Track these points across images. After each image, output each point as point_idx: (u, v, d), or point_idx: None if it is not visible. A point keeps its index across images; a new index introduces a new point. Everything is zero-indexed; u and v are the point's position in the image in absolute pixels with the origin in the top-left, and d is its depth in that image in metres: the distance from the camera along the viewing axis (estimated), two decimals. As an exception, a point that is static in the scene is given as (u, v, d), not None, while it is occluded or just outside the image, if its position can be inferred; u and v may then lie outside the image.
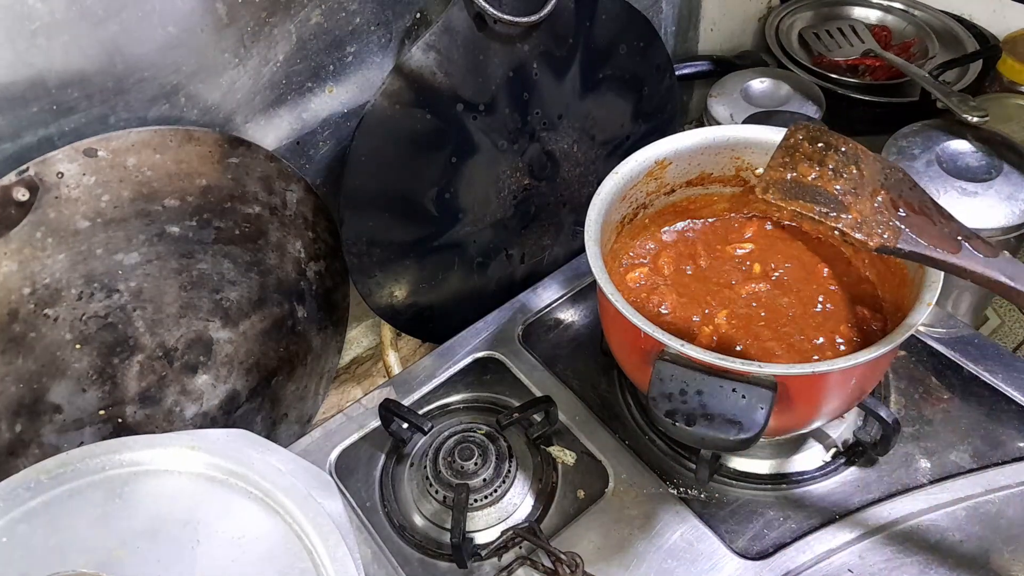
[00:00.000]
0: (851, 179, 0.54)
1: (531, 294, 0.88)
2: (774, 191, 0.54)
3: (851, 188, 0.54)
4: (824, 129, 0.56)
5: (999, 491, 0.67)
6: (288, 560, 0.54)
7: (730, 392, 0.55)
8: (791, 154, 0.55)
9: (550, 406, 0.74)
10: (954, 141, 0.88)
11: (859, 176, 0.54)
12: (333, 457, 0.75)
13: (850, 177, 0.54)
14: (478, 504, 0.68)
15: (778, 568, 0.64)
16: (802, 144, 0.55)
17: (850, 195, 0.54)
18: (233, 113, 0.71)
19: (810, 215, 0.53)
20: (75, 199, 0.62)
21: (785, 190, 0.54)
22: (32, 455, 0.65)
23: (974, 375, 0.75)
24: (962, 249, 0.54)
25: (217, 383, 0.75)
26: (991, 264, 0.54)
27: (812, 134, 0.56)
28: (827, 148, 0.55)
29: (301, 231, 0.78)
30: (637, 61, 0.90)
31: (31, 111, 0.61)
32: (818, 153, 0.55)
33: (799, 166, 0.54)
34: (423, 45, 0.73)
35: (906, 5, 1.14)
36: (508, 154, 0.84)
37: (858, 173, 0.54)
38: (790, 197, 0.54)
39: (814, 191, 0.53)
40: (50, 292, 0.63)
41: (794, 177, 0.54)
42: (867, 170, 0.55)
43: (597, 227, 0.67)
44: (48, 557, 0.53)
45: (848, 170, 0.54)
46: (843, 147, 0.55)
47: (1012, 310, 1.03)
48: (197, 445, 0.59)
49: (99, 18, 0.60)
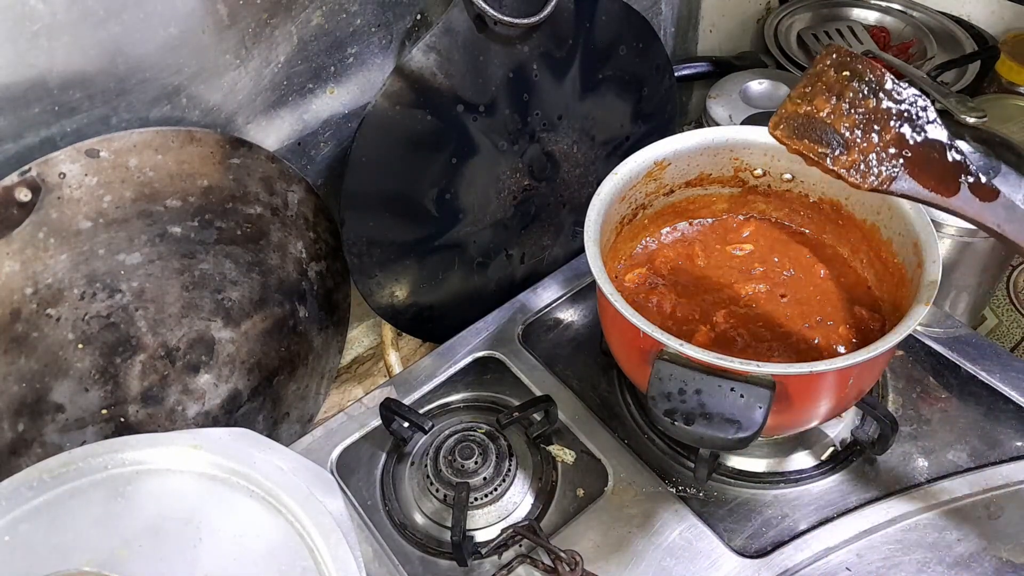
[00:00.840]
0: (865, 113, 0.54)
1: (531, 294, 0.88)
2: (785, 127, 0.55)
3: (861, 124, 0.54)
4: (855, 55, 0.55)
5: (997, 490, 0.67)
6: (290, 558, 0.54)
7: (728, 391, 0.56)
8: (813, 83, 0.55)
9: (550, 405, 0.74)
10: (952, 142, 0.89)
11: (875, 110, 0.54)
12: (334, 456, 0.75)
13: (865, 111, 0.54)
14: (478, 502, 0.69)
15: (776, 566, 0.64)
16: (828, 71, 0.55)
17: (859, 131, 0.54)
18: (234, 114, 0.72)
19: (810, 155, 0.54)
20: (77, 199, 0.63)
21: (794, 127, 0.55)
22: (34, 454, 0.65)
23: (972, 375, 0.76)
24: (960, 192, 0.54)
25: (219, 382, 0.75)
26: (985, 208, 0.54)
27: (841, 60, 0.55)
28: (851, 77, 0.55)
29: (302, 231, 0.78)
30: (636, 62, 0.90)
31: (33, 112, 0.61)
32: (840, 83, 0.55)
33: (816, 99, 0.55)
34: (423, 46, 0.73)
35: (904, 6, 1.14)
36: (508, 155, 0.84)
37: (875, 106, 0.54)
38: (797, 136, 0.55)
39: (823, 128, 0.54)
40: (52, 292, 0.63)
41: (807, 111, 0.54)
42: (886, 102, 0.54)
43: (597, 227, 0.67)
44: (50, 556, 0.53)
45: (865, 104, 0.54)
46: (868, 76, 0.55)
47: (1010, 310, 1.03)
48: (199, 444, 0.59)
49: (100, 19, 0.61)
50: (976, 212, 0.54)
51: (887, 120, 0.55)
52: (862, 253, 0.74)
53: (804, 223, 0.78)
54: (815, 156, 0.54)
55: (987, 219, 0.54)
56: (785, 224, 0.79)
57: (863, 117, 0.54)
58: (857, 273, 0.74)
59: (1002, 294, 1.03)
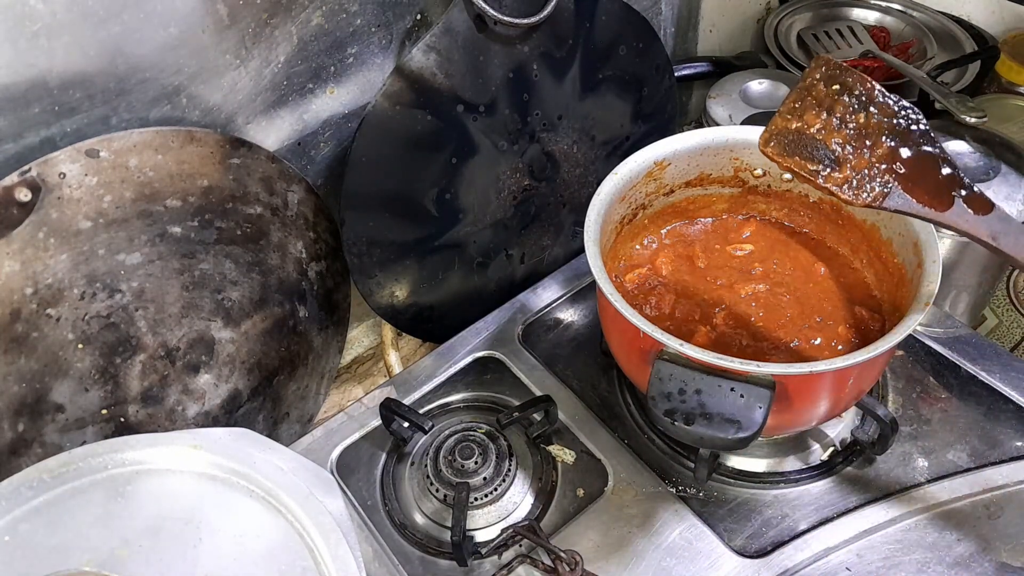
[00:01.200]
0: (856, 128, 0.54)
1: (531, 294, 0.88)
2: (775, 144, 0.55)
3: (853, 139, 0.54)
4: (844, 67, 0.55)
5: (996, 490, 0.67)
6: (290, 558, 0.54)
7: (728, 391, 0.56)
8: (803, 98, 0.55)
9: (550, 405, 0.74)
10: (952, 142, 0.89)
11: (865, 125, 0.54)
12: (334, 456, 0.75)
13: (856, 126, 0.54)
14: (478, 502, 0.69)
15: (776, 566, 0.64)
16: (817, 85, 0.55)
17: (850, 147, 0.54)
18: (234, 114, 0.72)
19: (802, 172, 0.54)
20: (77, 199, 0.63)
21: (785, 144, 0.54)
22: (34, 454, 0.65)
23: (972, 375, 0.76)
24: (954, 205, 0.54)
25: (219, 382, 0.75)
26: (980, 222, 0.54)
27: (830, 72, 0.55)
28: (841, 91, 0.54)
29: (302, 231, 0.78)
30: (636, 62, 0.90)
31: (33, 111, 0.61)
32: (830, 97, 0.54)
33: (807, 114, 0.54)
34: (423, 46, 0.73)
35: (904, 6, 1.14)
36: (508, 155, 0.84)
37: (865, 121, 0.54)
38: (787, 153, 0.54)
39: (813, 145, 0.54)
40: (52, 292, 0.64)
41: (798, 127, 0.54)
42: (877, 116, 0.54)
43: (597, 227, 0.67)
44: (50, 556, 0.53)
45: (856, 118, 0.54)
46: (858, 89, 0.54)
47: (1010, 310, 1.03)
48: (199, 444, 0.59)
49: (100, 19, 0.61)
50: (970, 226, 0.54)
51: (878, 135, 0.54)
52: (862, 253, 0.74)
53: (804, 223, 0.78)
54: (807, 173, 0.54)
55: (982, 232, 0.54)
56: (785, 224, 0.79)
57: (854, 132, 0.54)
58: (857, 273, 0.74)
59: (1002, 294, 1.04)
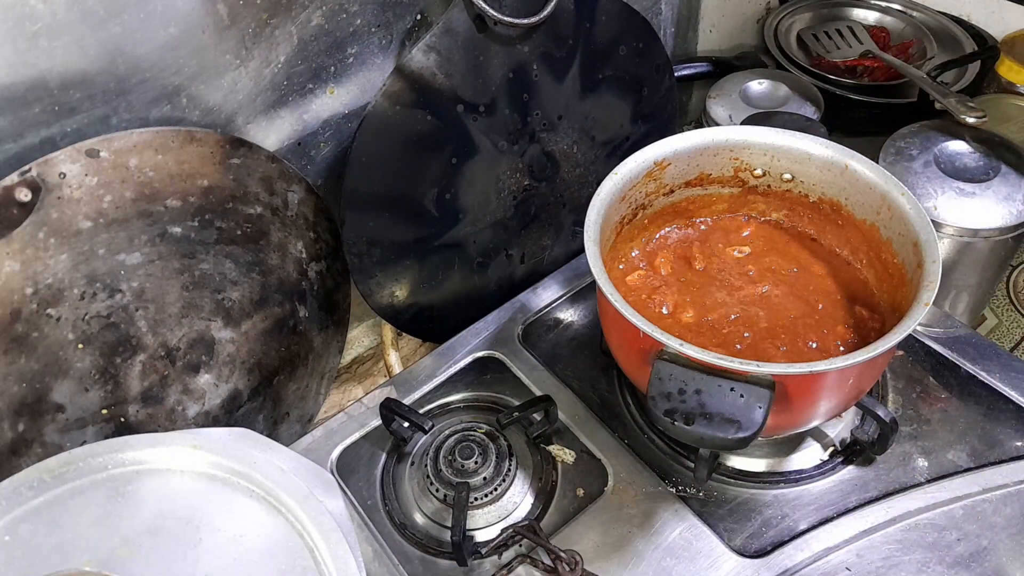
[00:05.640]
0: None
1: (531, 294, 0.88)
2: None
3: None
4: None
5: (996, 490, 0.67)
6: (290, 558, 0.54)
7: (728, 391, 0.56)
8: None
9: (550, 405, 0.74)
10: (952, 142, 0.89)
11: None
12: (334, 456, 0.75)
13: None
14: (478, 502, 0.69)
15: (776, 566, 0.64)
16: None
17: None
18: (235, 114, 0.72)
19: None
20: (77, 199, 0.63)
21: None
22: (35, 454, 0.65)
23: (972, 375, 0.76)
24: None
25: (219, 382, 0.75)
26: None
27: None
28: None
29: (302, 231, 0.78)
30: (636, 62, 0.90)
31: (33, 111, 0.61)
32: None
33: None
34: (424, 46, 0.73)
35: (904, 6, 1.14)
36: (508, 155, 0.84)
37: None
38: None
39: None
40: (52, 292, 0.64)
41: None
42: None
43: (596, 227, 0.67)
44: (51, 556, 0.53)
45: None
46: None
47: (1010, 310, 1.03)
48: (199, 444, 0.59)
49: (100, 19, 0.61)
50: None
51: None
52: (862, 253, 0.74)
53: (804, 223, 0.78)
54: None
55: None
56: (785, 224, 0.79)
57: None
58: (857, 273, 0.74)
59: (1002, 294, 1.04)
